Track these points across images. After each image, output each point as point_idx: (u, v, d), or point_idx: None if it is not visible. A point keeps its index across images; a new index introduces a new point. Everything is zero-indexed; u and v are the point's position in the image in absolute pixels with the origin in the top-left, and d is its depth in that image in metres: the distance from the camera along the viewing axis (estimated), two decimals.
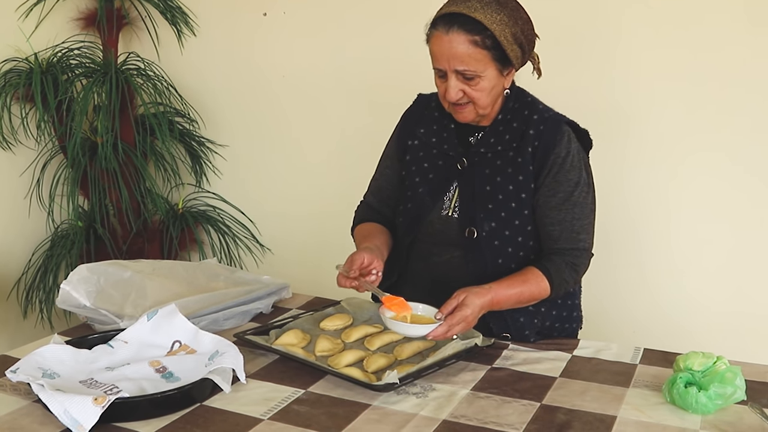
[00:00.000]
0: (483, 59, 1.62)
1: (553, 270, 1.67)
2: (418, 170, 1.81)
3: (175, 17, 2.90)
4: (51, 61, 2.73)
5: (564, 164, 1.69)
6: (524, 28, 1.64)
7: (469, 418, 1.36)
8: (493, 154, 1.73)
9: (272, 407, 1.38)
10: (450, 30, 1.60)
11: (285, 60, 2.87)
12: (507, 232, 1.72)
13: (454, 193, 1.76)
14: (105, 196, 2.82)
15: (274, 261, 3.05)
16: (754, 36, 2.23)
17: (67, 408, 1.26)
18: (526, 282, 1.66)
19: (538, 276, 1.66)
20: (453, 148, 1.77)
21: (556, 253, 1.70)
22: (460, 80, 1.64)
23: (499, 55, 1.63)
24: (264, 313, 1.88)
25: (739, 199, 2.34)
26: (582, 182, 1.71)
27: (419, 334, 1.54)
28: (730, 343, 2.26)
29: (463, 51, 1.60)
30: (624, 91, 2.42)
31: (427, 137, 1.81)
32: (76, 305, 1.74)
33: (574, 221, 1.70)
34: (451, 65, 1.62)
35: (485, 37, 1.59)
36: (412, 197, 1.81)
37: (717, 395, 1.36)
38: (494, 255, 1.72)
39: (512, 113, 1.74)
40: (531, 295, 1.67)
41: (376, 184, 1.94)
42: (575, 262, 1.70)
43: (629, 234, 2.44)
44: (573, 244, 1.70)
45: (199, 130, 3.03)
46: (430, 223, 1.78)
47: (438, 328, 1.52)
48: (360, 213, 1.95)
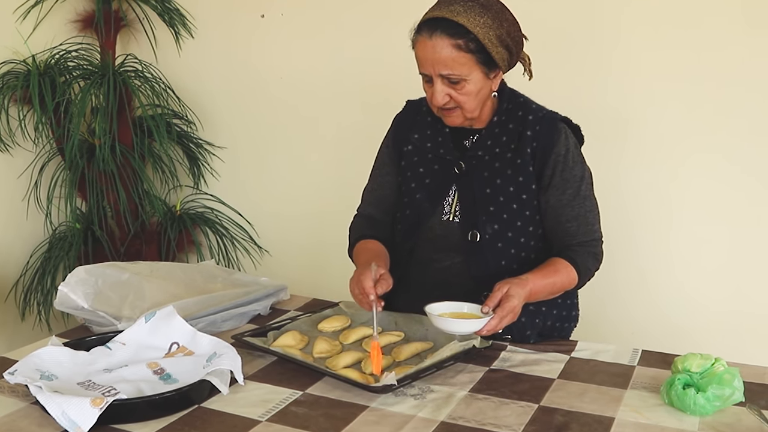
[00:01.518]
0: (467, 63, 1.61)
1: (579, 260, 1.69)
2: (414, 176, 1.80)
3: (173, 19, 2.91)
4: (49, 63, 2.73)
5: (567, 161, 1.70)
6: (510, 30, 1.63)
7: (467, 419, 1.36)
8: (491, 157, 1.73)
9: (270, 409, 1.38)
10: (433, 35, 1.60)
11: (283, 62, 2.87)
12: (509, 234, 1.72)
13: (454, 197, 1.76)
14: (103, 198, 2.82)
15: (271, 263, 3.05)
16: (751, 36, 2.23)
17: (65, 410, 1.26)
18: (558, 272, 1.67)
19: (567, 266, 1.68)
20: (449, 152, 1.77)
21: (578, 246, 1.72)
22: (446, 84, 1.64)
23: (484, 58, 1.62)
24: (262, 315, 1.88)
25: (737, 200, 2.35)
26: (585, 176, 1.74)
27: (472, 329, 1.53)
28: (729, 344, 2.26)
29: (447, 55, 1.60)
30: (622, 93, 2.42)
31: (421, 142, 1.81)
32: (74, 307, 1.74)
33: (587, 214, 1.73)
34: (435, 70, 1.62)
35: (468, 40, 1.59)
36: (410, 203, 1.80)
37: (715, 397, 1.36)
38: (497, 257, 1.72)
39: (506, 114, 1.74)
40: (562, 285, 1.69)
41: (375, 195, 1.90)
42: (595, 251, 1.74)
43: (628, 235, 2.44)
44: (590, 236, 1.73)
45: (197, 131, 3.03)
46: (430, 229, 1.77)
47: (491, 321, 1.52)
48: (357, 229, 1.89)
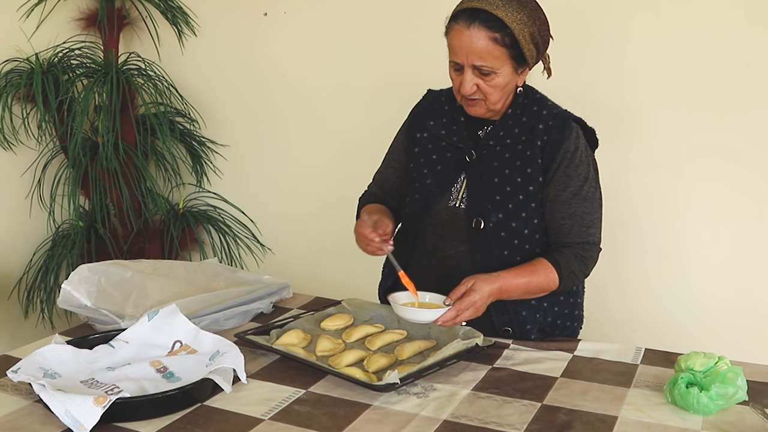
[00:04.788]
0: (501, 56, 1.63)
1: (563, 262, 1.69)
2: (426, 162, 1.82)
3: (176, 17, 2.91)
4: (52, 61, 2.73)
5: (573, 159, 1.71)
6: (541, 29, 1.66)
7: (470, 418, 1.36)
8: (502, 147, 1.74)
9: (273, 407, 1.38)
10: (471, 25, 1.61)
11: (285, 60, 2.87)
12: (514, 223, 1.73)
13: (462, 184, 1.77)
14: (106, 196, 2.82)
15: (274, 261, 3.05)
16: (757, 36, 2.23)
17: (68, 408, 1.26)
18: (535, 272, 1.67)
19: (547, 267, 1.68)
20: (462, 141, 1.78)
21: (567, 246, 1.71)
22: (476, 75, 1.66)
23: (516, 54, 1.65)
24: (265, 313, 1.88)
25: (741, 200, 2.34)
26: (591, 177, 1.73)
27: (428, 319, 1.54)
28: (732, 342, 2.26)
29: (483, 47, 1.62)
30: (630, 92, 2.41)
31: (436, 129, 1.83)
32: (77, 305, 1.74)
33: (584, 215, 1.72)
34: (469, 60, 1.64)
35: (505, 35, 1.61)
36: (420, 188, 1.82)
37: (718, 396, 1.36)
38: (500, 246, 1.73)
39: (522, 108, 1.75)
40: (539, 286, 1.68)
41: (380, 176, 1.96)
42: (585, 255, 1.72)
43: (631, 234, 2.44)
44: (583, 238, 1.72)
45: (200, 129, 3.03)
46: (436, 214, 1.79)
47: (447, 313, 1.53)
48: (365, 198, 1.97)
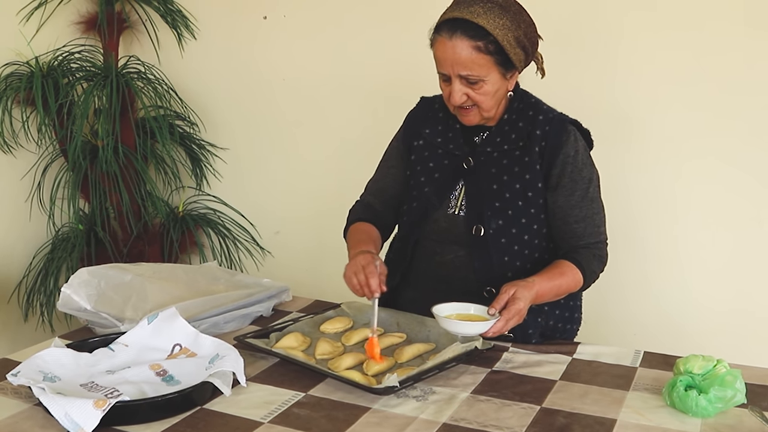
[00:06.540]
0: (486, 64, 1.63)
1: (585, 262, 1.70)
2: (423, 170, 1.82)
3: (176, 21, 2.91)
4: (52, 64, 2.73)
5: (576, 163, 1.72)
6: (527, 31, 1.65)
7: (469, 421, 1.36)
8: (499, 153, 1.74)
9: (272, 410, 1.39)
10: (453, 35, 1.61)
11: (285, 63, 2.87)
12: (514, 230, 1.73)
13: (460, 191, 1.77)
14: (105, 199, 2.82)
15: (274, 264, 3.05)
16: (755, 39, 2.23)
17: (68, 411, 1.26)
18: (564, 275, 1.68)
19: (572, 268, 1.69)
20: (459, 148, 1.78)
21: (583, 248, 1.73)
22: (464, 84, 1.65)
23: (502, 60, 1.64)
24: (264, 316, 1.88)
25: (740, 202, 2.34)
26: (593, 178, 1.75)
27: (479, 331, 1.54)
28: (731, 345, 2.25)
29: (467, 56, 1.61)
30: (628, 94, 2.41)
31: (432, 137, 1.82)
32: (76, 308, 1.75)
33: (594, 216, 1.74)
34: (455, 70, 1.63)
35: (488, 42, 1.60)
36: (417, 197, 1.81)
37: (717, 398, 1.36)
38: (500, 253, 1.73)
39: (517, 113, 1.75)
40: (567, 287, 1.70)
41: (377, 186, 1.93)
42: (600, 253, 1.74)
43: (631, 236, 2.44)
44: (596, 237, 1.74)
45: (200, 133, 3.03)
46: (435, 222, 1.78)
47: (497, 323, 1.52)
48: (355, 212, 1.93)
